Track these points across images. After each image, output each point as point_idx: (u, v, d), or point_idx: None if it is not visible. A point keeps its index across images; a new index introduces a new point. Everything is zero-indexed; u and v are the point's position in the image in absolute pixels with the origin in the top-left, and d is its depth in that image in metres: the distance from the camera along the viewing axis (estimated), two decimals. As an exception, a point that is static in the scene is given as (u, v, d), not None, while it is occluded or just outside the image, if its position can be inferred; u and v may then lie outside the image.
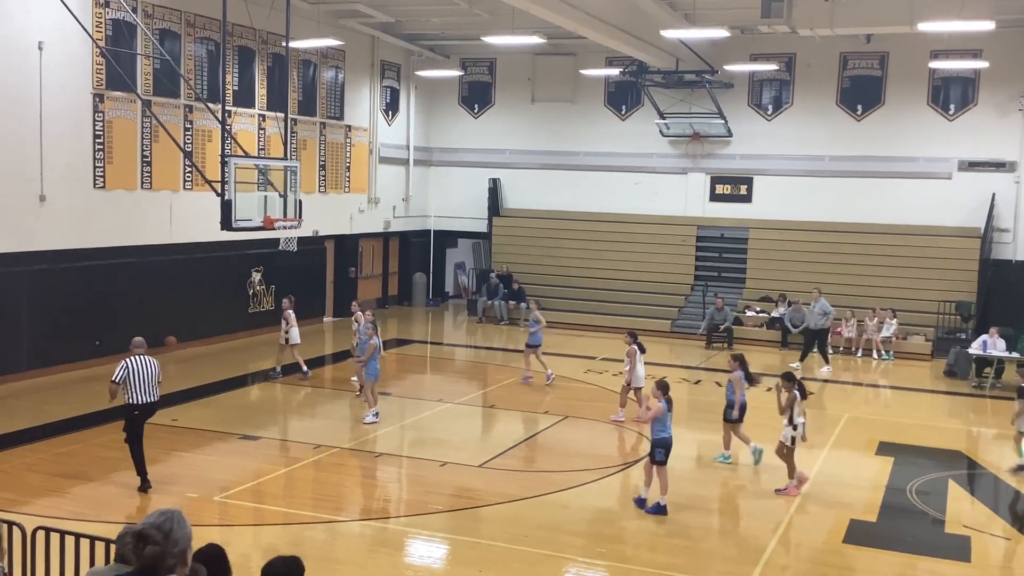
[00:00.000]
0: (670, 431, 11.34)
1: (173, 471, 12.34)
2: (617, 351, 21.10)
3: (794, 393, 12.12)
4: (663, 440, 11.25)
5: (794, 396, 12.11)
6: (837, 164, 25.43)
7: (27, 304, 16.78)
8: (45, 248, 17.03)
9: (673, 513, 11.26)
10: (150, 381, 11.22)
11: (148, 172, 19.10)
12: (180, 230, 19.80)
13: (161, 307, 19.28)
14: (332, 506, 11.29)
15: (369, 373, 14.93)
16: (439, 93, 29.29)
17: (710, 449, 13.91)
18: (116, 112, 18.26)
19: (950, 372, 20.31)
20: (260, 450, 13.43)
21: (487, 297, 26.32)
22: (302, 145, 23.51)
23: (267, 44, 21.69)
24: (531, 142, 28.39)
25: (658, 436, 11.29)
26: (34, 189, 16.67)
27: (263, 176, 16.70)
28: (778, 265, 25.15)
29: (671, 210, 26.96)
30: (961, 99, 24.38)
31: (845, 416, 16.68)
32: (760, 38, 24.08)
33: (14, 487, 11.33)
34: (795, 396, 12.11)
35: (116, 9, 17.72)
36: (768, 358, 22.20)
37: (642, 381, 15.31)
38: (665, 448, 11.23)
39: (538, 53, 27.22)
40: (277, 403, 16.65)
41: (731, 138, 26.32)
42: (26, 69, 16.37)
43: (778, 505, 11.65)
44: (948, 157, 24.39)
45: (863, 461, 13.96)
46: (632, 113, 27.46)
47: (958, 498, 12.40)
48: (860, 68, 25.16)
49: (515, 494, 11.74)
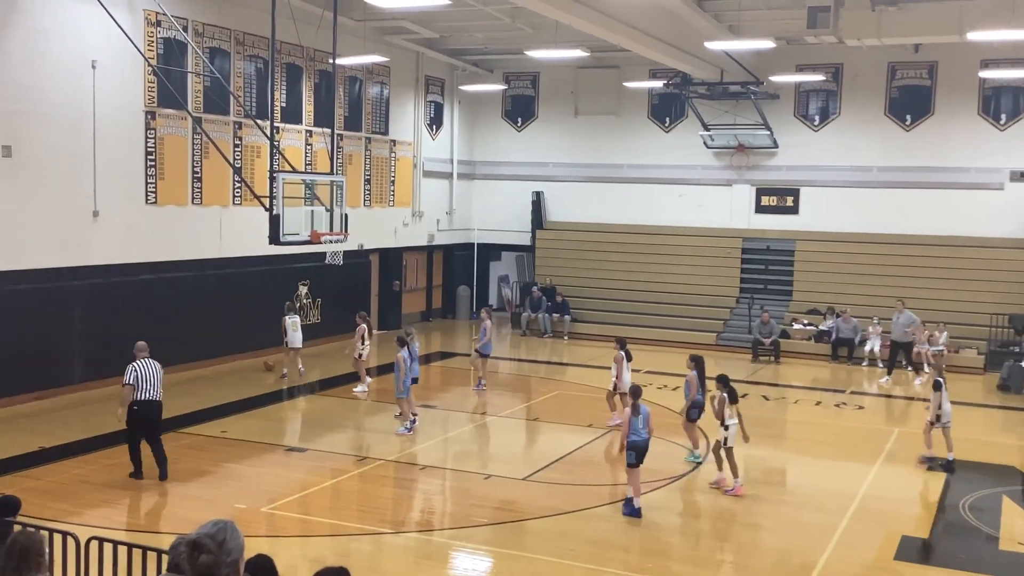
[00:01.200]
0: (641, 435, 11.55)
1: (222, 482, 12.50)
2: (664, 365, 21.04)
3: (723, 395, 12.45)
4: (633, 443, 11.49)
5: (723, 398, 12.42)
6: (886, 175, 25.11)
7: (81, 317, 17.12)
8: (98, 263, 17.37)
9: (720, 528, 11.15)
10: (152, 381, 12.24)
11: (198, 188, 19.42)
12: (229, 244, 20.10)
13: (211, 320, 19.58)
14: (377, 518, 11.35)
15: (396, 389, 15.21)
16: (482, 107, 29.44)
17: (755, 464, 13.77)
18: (167, 129, 18.61)
19: (1003, 386, 19.92)
20: (306, 462, 13.56)
21: (531, 310, 26.34)
22: (348, 160, 23.76)
23: (314, 61, 21.98)
24: (574, 155, 28.41)
25: (629, 440, 11.53)
26: (88, 205, 17.04)
27: (310, 191, 16.90)
28: (826, 277, 24.86)
29: (716, 222, 26.80)
30: (1012, 109, 23.97)
31: (896, 431, 16.42)
32: (806, 48, 23.89)
33: (69, 498, 11.54)
34: (724, 398, 12.42)
35: (167, 28, 18.08)
36: (817, 371, 21.97)
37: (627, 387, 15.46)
38: (636, 451, 11.47)
39: (581, 66, 27.25)
40: (322, 415, 16.79)
41: (777, 149, 26.11)
42: (80, 88, 16.76)
43: (827, 520, 11.49)
44: (1000, 168, 23.97)
45: (914, 476, 13.72)
46: (676, 125, 27.37)
47: (1012, 514, 12.14)
48: (909, 78, 24.85)
49: (560, 507, 11.72)
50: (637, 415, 11.56)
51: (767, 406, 18.39)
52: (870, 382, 21.00)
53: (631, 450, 11.47)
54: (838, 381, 20.91)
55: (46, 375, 16.56)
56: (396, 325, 26.11)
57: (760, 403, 18.48)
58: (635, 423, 11.53)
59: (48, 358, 16.61)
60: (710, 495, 12.58)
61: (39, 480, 12.13)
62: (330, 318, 23.11)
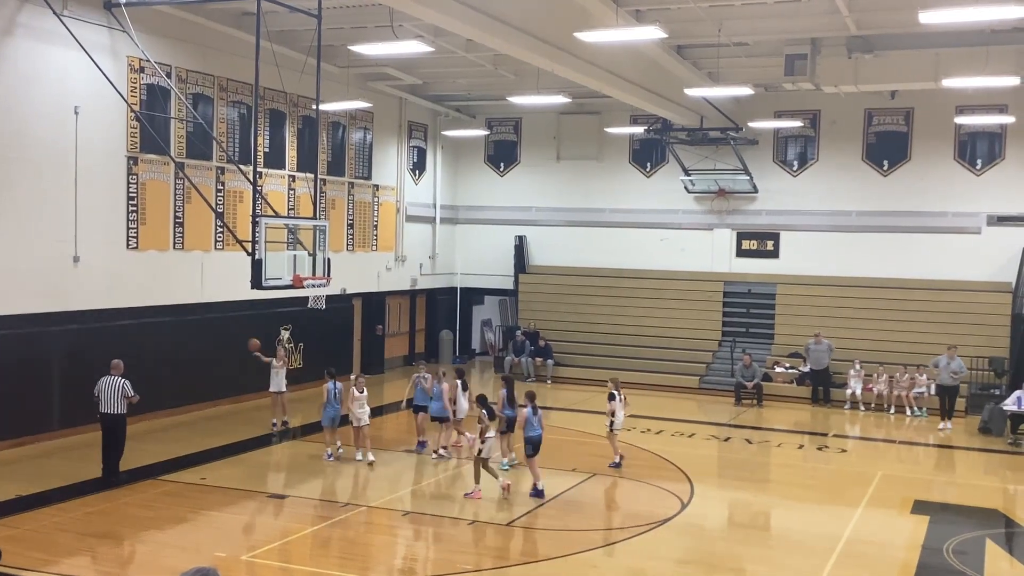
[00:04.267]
0: (538, 431, 14.13)
1: (201, 529, 12.33)
2: (647, 408, 20.99)
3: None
4: (530, 438, 14.07)
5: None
6: (864, 219, 25.38)
7: (59, 363, 16.96)
8: (78, 308, 17.25)
9: (706, 573, 11.08)
10: (113, 396, 14.04)
11: (180, 233, 19.39)
12: (211, 289, 20.03)
13: (192, 365, 19.42)
14: (359, 566, 11.22)
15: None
16: (465, 152, 29.63)
17: (740, 508, 13.72)
18: (150, 174, 18.61)
19: (985, 429, 19.98)
20: (287, 509, 13.41)
21: (514, 354, 26.31)
22: (331, 205, 23.81)
23: (298, 107, 22.11)
24: (557, 199, 28.58)
25: (527, 435, 14.09)
26: (68, 250, 16.96)
27: (293, 235, 16.91)
28: (807, 320, 24.96)
29: (697, 266, 26.95)
30: (988, 154, 24.35)
31: (879, 474, 16.42)
32: (784, 95, 24.24)
33: (45, 547, 11.35)
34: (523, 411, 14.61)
35: (151, 75, 18.17)
36: (799, 414, 21.99)
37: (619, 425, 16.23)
38: (532, 444, 14.03)
39: (563, 112, 27.52)
40: (304, 462, 16.63)
41: (757, 194, 26.37)
42: (63, 133, 16.77)
43: (812, 564, 11.43)
44: (977, 212, 24.28)
45: (898, 520, 13.71)
46: (657, 170, 27.62)
47: (996, 558, 12.13)
48: (885, 124, 25.23)
49: (544, 553, 11.62)
50: (536, 414, 14.16)
51: (750, 449, 18.36)
52: (852, 425, 21.03)
53: (528, 444, 13.99)
54: (820, 424, 20.93)
55: (24, 422, 16.35)
56: (379, 370, 26.01)
57: (744, 446, 18.46)
58: (531, 420, 14.02)
59: (26, 404, 16.41)
60: (695, 539, 12.51)
61: (16, 528, 11.94)
62: (312, 363, 22.98)
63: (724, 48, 18.85)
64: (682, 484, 15.00)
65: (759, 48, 19.95)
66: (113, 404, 14.12)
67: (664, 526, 12.93)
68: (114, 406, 14.13)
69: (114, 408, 14.14)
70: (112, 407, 14.12)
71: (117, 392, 14.10)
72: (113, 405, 14.12)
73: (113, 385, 14.14)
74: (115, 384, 14.14)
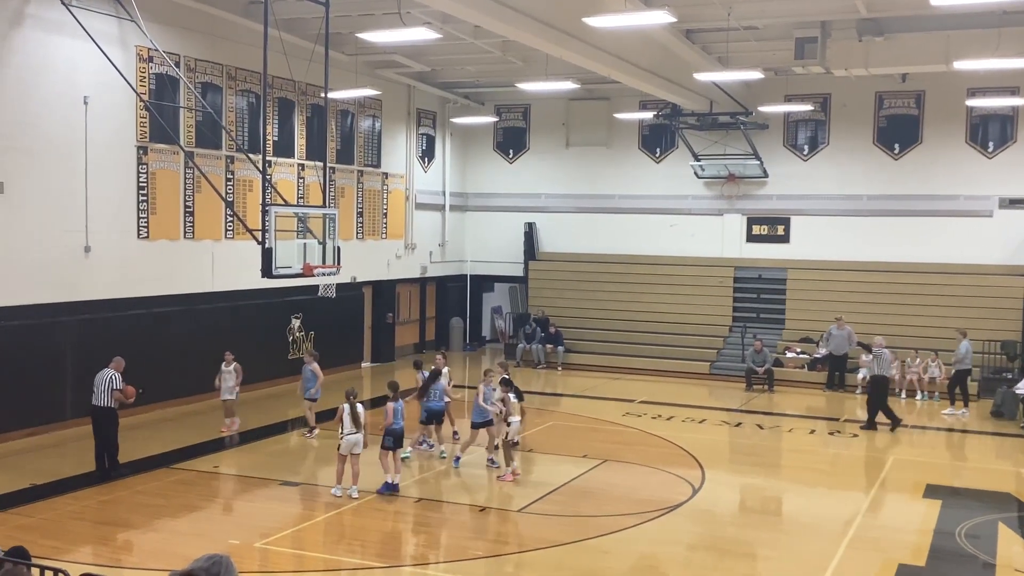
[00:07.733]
0: (400, 424, 13.55)
1: (214, 517, 12.40)
2: (658, 394, 21.00)
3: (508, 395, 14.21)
4: (392, 430, 13.44)
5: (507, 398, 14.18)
6: (875, 203, 25.26)
7: (71, 353, 17.04)
8: (90, 298, 17.32)
9: (717, 557, 11.09)
10: (100, 389, 13.84)
11: (190, 222, 19.43)
12: (221, 278, 20.08)
13: (204, 354, 19.46)
14: (372, 552, 11.26)
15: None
16: (474, 139, 29.59)
17: (751, 492, 13.72)
18: (159, 164, 18.64)
19: (997, 412, 19.92)
20: (300, 496, 13.47)
21: (524, 341, 26.32)
22: (340, 193, 23.82)
23: (306, 95, 22.09)
24: (566, 186, 28.52)
25: (389, 427, 13.39)
26: (79, 241, 17.02)
27: (302, 224, 16.91)
28: (817, 305, 24.90)
29: (708, 252, 26.88)
30: (1000, 137, 24.18)
31: (891, 458, 16.40)
32: (794, 79, 24.10)
33: (59, 535, 11.43)
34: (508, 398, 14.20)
35: (159, 64, 18.17)
36: (811, 399, 21.95)
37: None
38: (393, 436, 13.46)
39: (572, 98, 27.44)
40: (316, 449, 16.70)
41: (767, 179, 26.26)
42: (72, 123, 16.80)
43: (824, 549, 11.43)
44: (989, 195, 24.13)
45: (910, 504, 13.69)
46: (667, 156, 27.53)
47: (1009, 541, 12.10)
48: (896, 107, 25.07)
49: (555, 539, 11.64)
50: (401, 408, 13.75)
51: (761, 435, 18.35)
52: (864, 410, 20.98)
53: (389, 436, 13.37)
54: (832, 409, 20.88)
55: (37, 411, 16.46)
56: (390, 358, 26.07)
57: (755, 432, 18.45)
58: (398, 414, 13.51)
59: (39, 394, 16.51)
60: (706, 524, 12.52)
61: (30, 517, 12.03)
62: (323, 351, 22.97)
63: (733, 32, 18.73)
64: (693, 470, 15.00)
65: (769, 31, 19.83)
66: (100, 397, 13.89)
67: (675, 512, 12.94)
68: (101, 399, 13.89)
69: (101, 401, 13.89)
70: (100, 400, 13.89)
71: (106, 385, 13.88)
72: (100, 398, 13.89)
73: (103, 377, 13.92)
74: (105, 376, 13.91)
